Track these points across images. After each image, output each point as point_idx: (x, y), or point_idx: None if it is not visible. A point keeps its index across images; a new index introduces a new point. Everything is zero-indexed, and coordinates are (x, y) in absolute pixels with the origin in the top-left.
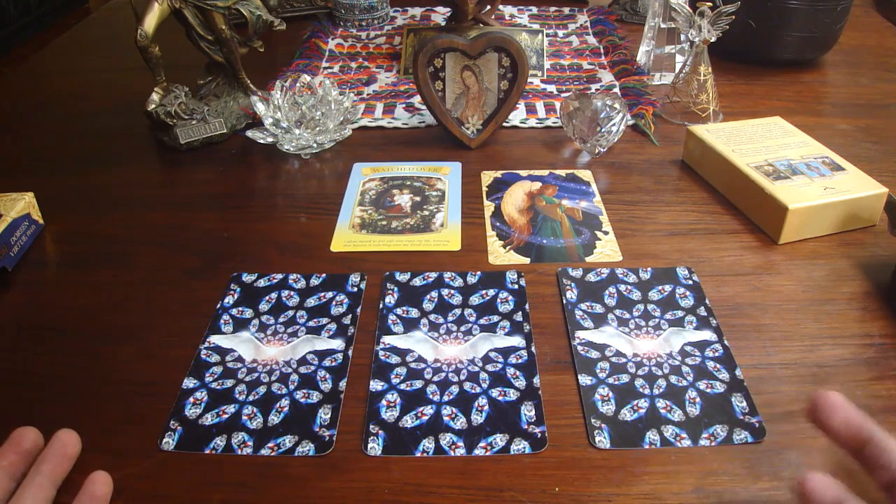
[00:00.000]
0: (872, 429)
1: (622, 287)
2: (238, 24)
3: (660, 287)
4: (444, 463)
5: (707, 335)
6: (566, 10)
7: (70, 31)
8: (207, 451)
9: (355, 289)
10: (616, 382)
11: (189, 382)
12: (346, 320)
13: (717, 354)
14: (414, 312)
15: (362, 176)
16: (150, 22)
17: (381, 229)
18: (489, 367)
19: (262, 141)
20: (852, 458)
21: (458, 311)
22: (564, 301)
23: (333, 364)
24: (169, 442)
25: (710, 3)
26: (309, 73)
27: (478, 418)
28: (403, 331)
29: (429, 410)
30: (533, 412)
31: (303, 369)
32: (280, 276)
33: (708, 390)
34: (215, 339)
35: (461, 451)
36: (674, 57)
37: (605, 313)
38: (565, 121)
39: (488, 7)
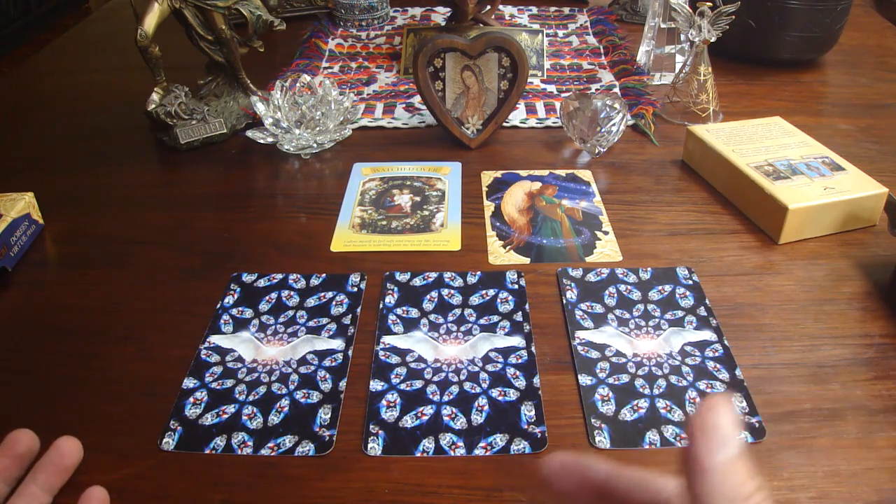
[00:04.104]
0: (599, 468)
1: (622, 287)
2: (238, 24)
3: (660, 287)
4: (444, 463)
5: (707, 335)
6: (566, 10)
7: (70, 31)
8: (207, 451)
9: (355, 289)
10: (616, 382)
11: (189, 382)
12: (346, 320)
13: (717, 354)
14: (414, 312)
15: (362, 176)
16: (150, 22)
17: (381, 229)
18: (489, 367)
19: (262, 141)
20: None
21: (458, 311)
22: (564, 301)
23: (333, 364)
24: (169, 442)
25: (710, 3)
26: (309, 73)
27: (478, 418)
28: (403, 331)
29: (429, 410)
30: (533, 412)
31: (303, 369)
32: (280, 276)
33: (708, 390)
34: (215, 339)
35: (461, 451)
36: (674, 57)
37: (605, 313)
38: (565, 121)
39: (488, 7)
